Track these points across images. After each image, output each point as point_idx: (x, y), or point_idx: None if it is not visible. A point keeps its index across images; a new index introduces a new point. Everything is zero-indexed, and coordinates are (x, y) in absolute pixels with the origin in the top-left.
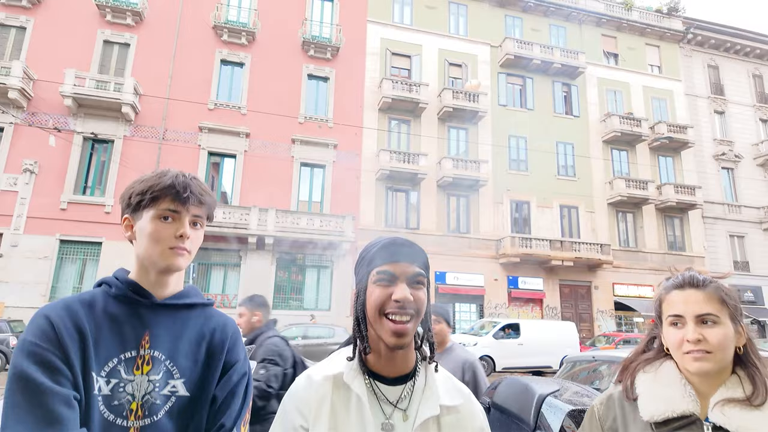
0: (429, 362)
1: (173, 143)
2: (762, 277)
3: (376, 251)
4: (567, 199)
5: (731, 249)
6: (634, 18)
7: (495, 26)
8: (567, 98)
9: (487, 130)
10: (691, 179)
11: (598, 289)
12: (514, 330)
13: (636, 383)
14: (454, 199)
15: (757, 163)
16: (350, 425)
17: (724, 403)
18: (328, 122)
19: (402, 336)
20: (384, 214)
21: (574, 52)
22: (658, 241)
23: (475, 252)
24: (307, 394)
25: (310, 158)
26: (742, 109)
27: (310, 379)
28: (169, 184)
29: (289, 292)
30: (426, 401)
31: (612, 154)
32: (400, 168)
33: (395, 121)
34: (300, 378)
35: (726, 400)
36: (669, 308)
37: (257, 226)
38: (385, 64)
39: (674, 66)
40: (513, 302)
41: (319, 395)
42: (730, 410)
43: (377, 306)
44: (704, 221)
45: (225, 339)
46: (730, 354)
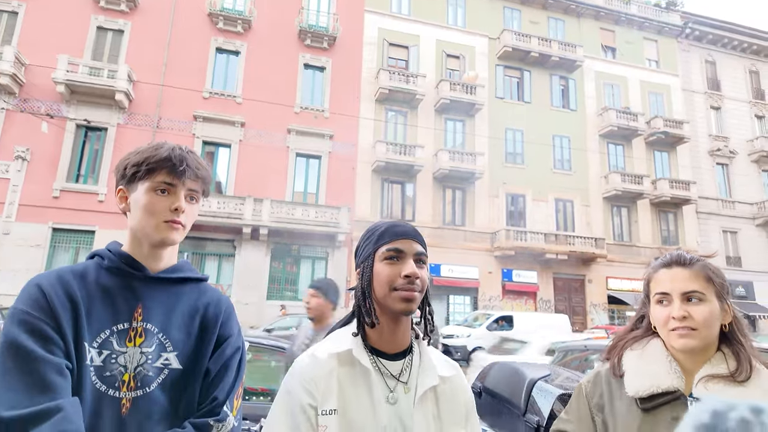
0: (423, 339)
1: (167, 131)
2: (753, 273)
3: (383, 230)
4: (562, 192)
5: (724, 244)
6: (633, 12)
7: (493, 18)
8: (564, 92)
9: (484, 123)
10: (686, 174)
11: (592, 283)
12: (508, 322)
13: (623, 360)
14: (449, 191)
15: (751, 159)
16: (359, 399)
17: (708, 380)
18: (324, 112)
19: (411, 302)
20: (379, 205)
21: (572, 45)
22: (652, 236)
23: (470, 244)
24: (314, 372)
25: (306, 148)
26: (737, 105)
27: (315, 357)
28: (166, 157)
29: (284, 283)
30: (424, 373)
31: (608, 148)
32: (396, 159)
33: (392, 113)
34: (303, 358)
35: (710, 377)
36: (656, 286)
37: (252, 217)
38: (383, 55)
39: (672, 61)
40: (507, 295)
41: (326, 372)
42: (713, 386)
43: (388, 282)
44: (698, 216)
45: (219, 313)
46: (716, 331)
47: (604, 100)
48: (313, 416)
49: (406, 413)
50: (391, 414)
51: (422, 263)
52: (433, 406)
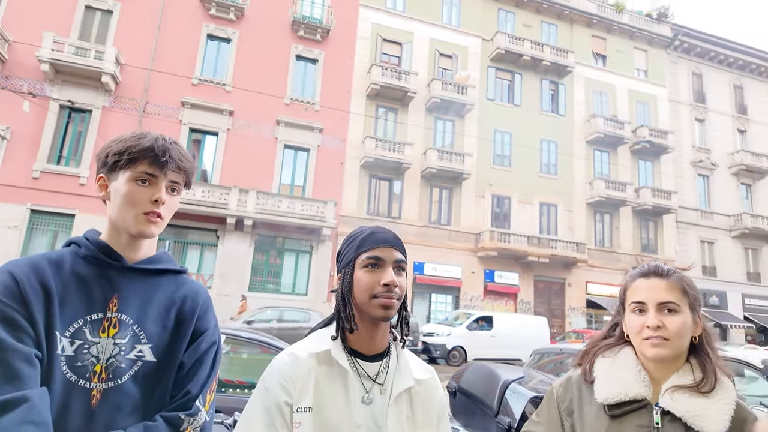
0: (398, 341)
1: (154, 117)
2: (728, 283)
3: (364, 237)
4: (547, 196)
5: (701, 254)
6: (625, 21)
7: (487, 19)
8: (554, 96)
9: (474, 124)
10: (668, 184)
11: (572, 287)
12: (488, 322)
13: (594, 367)
14: (437, 190)
15: (731, 172)
16: (335, 398)
17: (674, 390)
18: (314, 105)
19: (389, 309)
20: (366, 201)
21: (563, 50)
22: (632, 243)
23: (454, 244)
24: (292, 371)
25: (295, 141)
26: (721, 118)
27: (295, 356)
28: (148, 147)
29: (266, 275)
30: (400, 375)
31: (594, 154)
32: (385, 156)
33: (383, 109)
34: (282, 356)
35: (677, 387)
36: (633, 295)
37: (237, 207)
38: (376, 50)
39: (660, 71)
40: (488, 295)
41: (304, 370)
42: (679, 396)
43: (368, 290)
44: (677, 226)
45: (196, 306)
46: (686, 342)
47: (593, 107)
48: (288, 413)
49: (381, 413)
50: (366, 413)
51: (401, 270)
52: (407, 408)
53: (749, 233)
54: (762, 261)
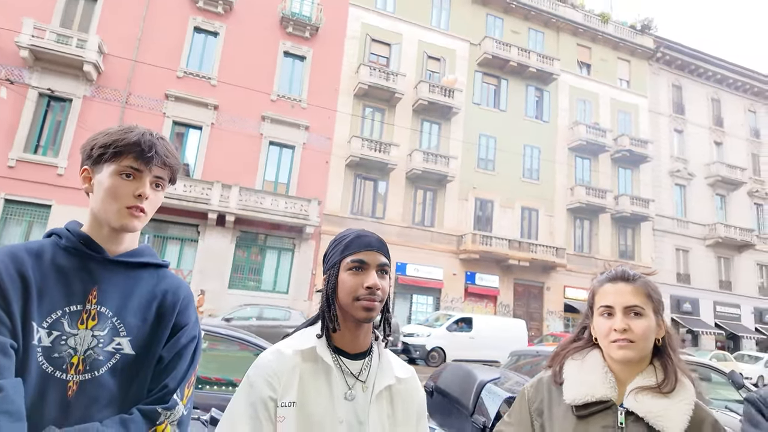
0: (381, 341)
1: (136, 108)
2: (700, 290)
3: (349, 241)
4: (529, 201)
5: (676, 262)
6: (609, 31)
7: (476, 24)
8: (538, 103)
9: (459, 127)
10: (647, 192)
11: (550, 291)
12: (467, 324)
13: (564, 369)
14: (421, 192)
15: (707, 182)
16: (318, 393)
17: (638, 391)
18: (301, 102)
19: (371, 311)
20: (351, 201)
21: (549, 58)
22: (610, 249)
23: (436, 246)
24: (278, 367)
25: (280, 137)
26: (699, 129)
27: (280, 352)
28: (135, 141)
29: (247, 272)
30: (382, 373)
31: (576, 161)
32: (370, 156)
33: (370, 109)
34: (268, 353)
35: (640, 388)
36: (601, 299)
37: (219, 203)
38: (364, 50)
39: (642, 82)
40: (469, 297)
41: (289, 367)
42: (642, 397)
43: (351, 292)
44: (654, 233)
45: (177, 301)
46: (651, 345)
47: (576, 115)
48: (272, 408)
49: (362, 409)
50: (348, 409)
51: (385, 273)
52: (388, 405)
53: (722, 242)
54: (733, 270)
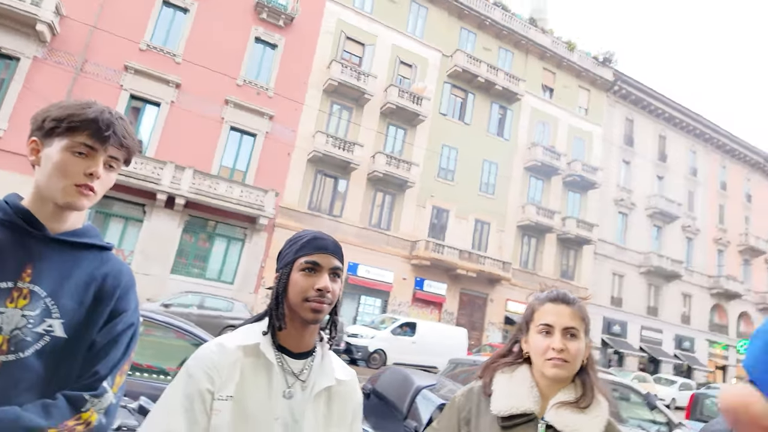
0: (326, 342)
1: (91, 76)
2: (630, 314)
3: (305, 242)
4: (483, 214)
5: (612, 285)
6: (574, 59)
7: (450, 36)
8: (501, 120)
9: (424, 135)
10: (592, 217)
11: (493, 302)
12: (411, 328)
13: (494, 381)
14: (380, 194)
15: (647, 213)
16: (257, 389)
17: (559, 405)
18: (268, 91)
19: (319, 313)
20: (309, 196)
21: (516, 78)
22: (553, 268)
23: (390, 249)
24: (219, 360)
25: (242, 124)
26: (644, 162)
27: (222, 346)
28: (92, 119)
29: (192, 258)
30: (323, 374)
31: (530, 180)
32: (334, 153)
33: (337, 106)
34: (210, 344)
35: (561, 403)
36: (541, 317)
37: (170, 184)
38: (338, 47)
39: (598, 112)
40: (416, 302)
41: (231, 361)
42: (562, 411)
43: (301, 293)
44: (595, 257)
45: (117, 285)
46: (579, 364)
47: (535, 136)
48: (209, 401)
49: (299, 408)
50: (285, 407)
51: (337, 277)
52: (325, 406)
53: (654, 271)
54: (661, 297)
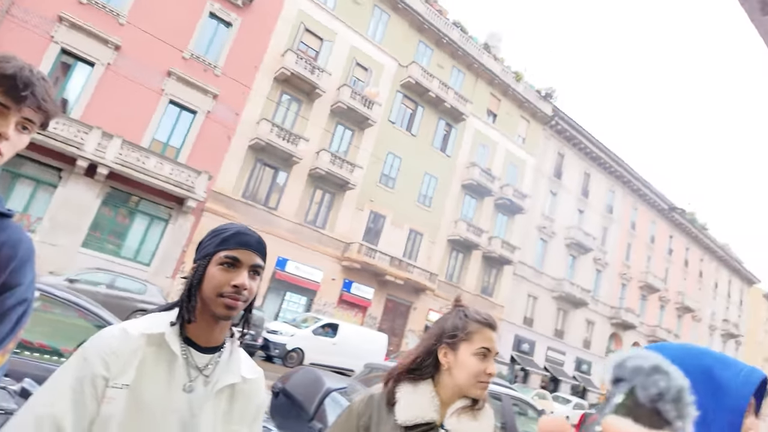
0: (235, 339)
1: (18, 22)
2: (539, 335)
3: (228, 235)
4: (417, 224)
5: (526, 306)
6: (519, 89)
7: (408, 47)
8: (446, 137)
9: (371, 139)
10: (516, 240)
11: (416, 311)
12: (333, 330)
13: (399, 390)
14: (320, 192)
15: (565, 242)
16: (156, 380)
17: (458, 412)
18: (215, 69)
19: (233, 310)
20: (245, 183)
21: (464, 99)
22: (475, 283)
23: (323, 248)
24: (119, 346)
25: (183, 99)
26: (568, 196)
27: (125, 332)
28: (10, 74)
29: (108, 233)
30: (228, 370)
31: (464, 198)
32: (277, 143)
33: (287, 97)
34: (113, 329)
35: (459, 409)
36: (482, 341)
37: (94, 151)
38: (295, 37)
39: (534, 142)
40: (341, 304)
41: (131, 348)
42: (460, 418)
43: (217, 288)
44: (514, 277)
45: (13, 257)
46: None
47: (474, 156)
48: (101, 387)
49: (198, 403)
50: (184, 401)
51: (257, 275)
52: (227, 403)
53: (564, 297)
54: (567, 322)
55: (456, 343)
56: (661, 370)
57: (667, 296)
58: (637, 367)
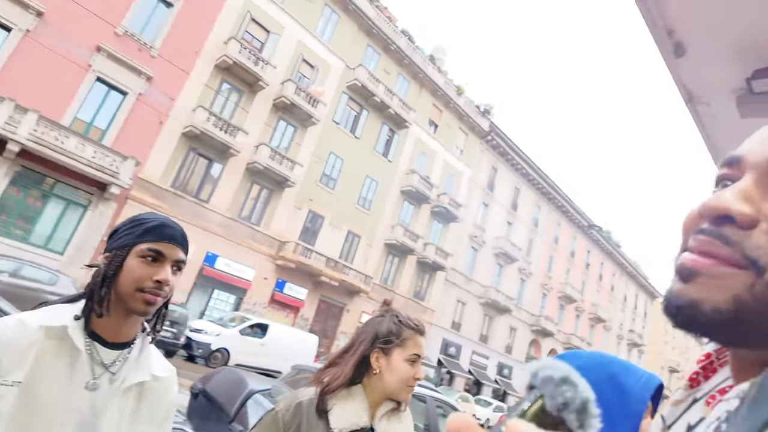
0: (147, 335)
1: None
2: (465, 339)
3: (151, 227)
4: (356, 227)
5: (455, 311)
6: (460, 103)
7: (356, 50)
8: (388, 142)
9: (314, 138)
10: (449, 247)
11: (349, 313)
12: (262, 330)
13: (332, 398)
14: (257, 187)
15: (493, 252)
16: (54, 377)
17: (386, 415)
18: (152, 50)
19: (152, 305)
20: (176, 173)
21: (408, 107)
22: (408, 287)
23: (257, 246)
24: (13, 339)
25: (112, 77)
26: (499, 208)
27: (22, 323)
28: None
29: (16, 217)
30: (138, 368)
31: (403, 204)
32: (213, 133)
33: (228, 86)
34: (8, 320)
35: (388, 412)
36: (414, 348)
37: (3, 124)
38: (241, 25)
39: (471, 155)
40: (273, 304)
41: (27, 342)
42: (386, 420)
43: (137, 282)
44: (445, 283)
45: None
46: None
47: (414, 164)
48: None
49: (102, 402)
50: (85, 399)
51: (178, 270)
52: (135, 402)
53: (491, 304)
54: (492, 328)
55: (390, 348)
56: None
57: (583, 307)
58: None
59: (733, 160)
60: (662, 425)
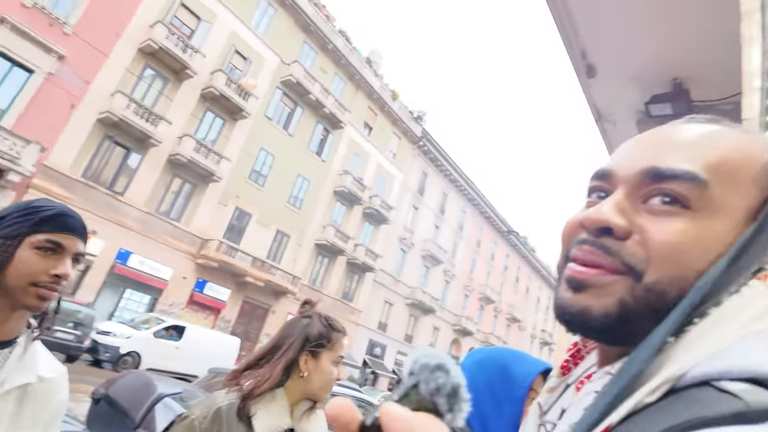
0: (33, 332)
1: None
2: (391, 339)
3: (49, 215)
4: (285, 226)
5: (382, 311)
6: (395, 108)
7: (292, 45)
8: (322, 141)
9: (244, 133)
10: (379, 248)
11: (275, 314)
12: (178, 332)
13: (256, 402)
14: (179, 181)
15: (421, 254)
16: None
17: (305, 415)
18: (65, 26)
19: (46, 301)
20: (89, 161)
21: (343, 107)
22: (337, 288)
23: (175, 243)
24: None
25: (17, 53)
26: (428, 212)
27: None
28: None
29: None
30: (21, 369)
31: (335, 204)
32: (133, 121)
33: (152, 72)
34: None
35: (305, 412)
36: (339, 349)
37: None
38: (169, 10)
39: (403, 159)
40: (191, 305)
41: None
42: (306, 420)
43: (31, 276)
44: (374, 284)
45: None
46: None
47: (348, 165)
48: None
49: None
50: None
51: (77, 263)
52: (16, 405)
53: (417, 304)
54: (417, 327)
55: (320, 352)
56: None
57: (500, 307)
58: (425, 364)
59: (604, 173)
60: (539, 411)
